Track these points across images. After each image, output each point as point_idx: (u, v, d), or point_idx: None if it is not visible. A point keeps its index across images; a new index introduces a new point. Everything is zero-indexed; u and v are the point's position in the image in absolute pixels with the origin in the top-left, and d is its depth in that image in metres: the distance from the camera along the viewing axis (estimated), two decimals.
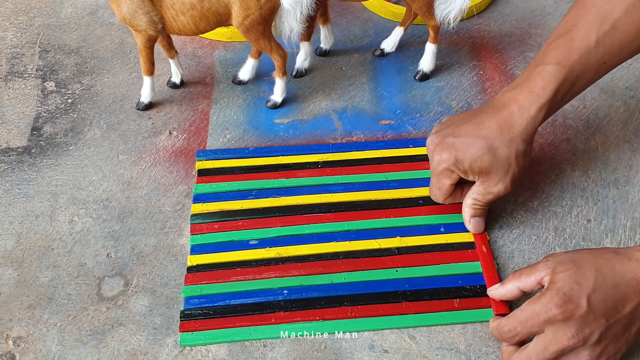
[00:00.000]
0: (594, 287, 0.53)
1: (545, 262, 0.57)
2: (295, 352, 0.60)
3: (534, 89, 0.63)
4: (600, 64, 0.63)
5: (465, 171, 0.64)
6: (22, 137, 0.78)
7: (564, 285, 0.54)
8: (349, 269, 0.65)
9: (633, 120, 0.80)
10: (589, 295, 0.53)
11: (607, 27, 0.62)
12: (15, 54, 0.88)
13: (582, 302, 0.53)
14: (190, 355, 0.60)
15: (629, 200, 0.72)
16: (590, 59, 0.63)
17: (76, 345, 0.61)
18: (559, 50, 0.63)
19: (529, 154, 0.65)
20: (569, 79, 0.63)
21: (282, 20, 0.73)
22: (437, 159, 0.65)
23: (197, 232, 0.68)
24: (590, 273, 0.54)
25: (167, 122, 0.80)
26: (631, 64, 0.86)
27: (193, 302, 0.63)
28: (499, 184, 0.64)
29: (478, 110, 0.66)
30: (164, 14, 0.71)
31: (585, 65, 0.63)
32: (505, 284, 0.60)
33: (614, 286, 0.54)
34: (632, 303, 0.54)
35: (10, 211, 0.71)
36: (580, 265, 0.55)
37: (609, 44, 0.62)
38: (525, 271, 0.58)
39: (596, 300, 0.53)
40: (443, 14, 0.77)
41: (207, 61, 0.87)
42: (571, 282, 0.54)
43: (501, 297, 0.61)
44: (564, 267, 0.55)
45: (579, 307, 0.53)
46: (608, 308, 0.53)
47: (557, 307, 0.53)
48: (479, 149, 0.63)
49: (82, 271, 0.66)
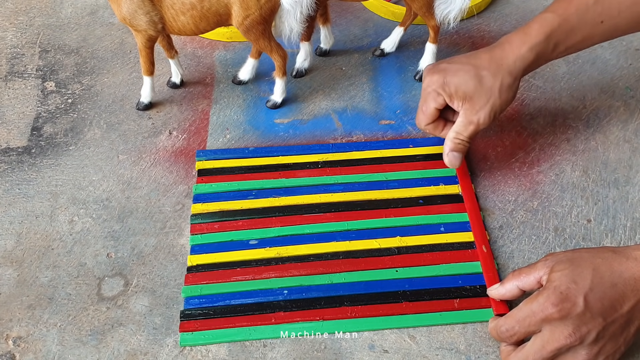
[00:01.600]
0: (591, 286, 0.53)
1: (544, 261, 0.57)
2: (295, 352, 0.60)
3: (528, 31, 0.66)
4: (598, 22, 0.66)
5: (450, 95, 0.67)
6: (22, 137, 0.78)
7: (561, 284, 0.54)
8: (349, 269, 0.65)
9: (633, 120, 0.80)
10: (586, 294, 0.53)
11: None
12: (15, 54, 0.88)
13: (579, 300, 0.53)
14: (190, 355, 0.60)
15: (629, 200, 0.72)
16: (588, 14, 0.65)
17: (76, 345, 0.61)
18: (558, 3, 0.67)
19: (514, 91, 0.67)
20: (563, 27, 0.66)
21: (282, 20, 0.73)
22: (427, 81, 0.68)
23: (197, 232, 0.68)
24: (588, 272, 0.54)
25: (167, 122, 0.80)
26: (631, 63, 0.86)
27: (193, 302, 0.63)
28: (480, 112, 0.66)
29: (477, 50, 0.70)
30: (164, 14, 0.71)
31: (582, 19, 0.66)
32: (505, 284, 0.60)
33: (611, 285, 0.54)
34: (630, 302, 0.54)
35: (10, 211, 0.71)
36: (578, 264, 0.55)
37: (607, 3, 0.65)
38: (525, 270, 0.58)
39: (593, 299, 0.53)
40: (443, 14, 0.77)
41: (207, 61, 0.88)
42: (568, 280, 0.54)
43: (501, 297, 0.61)
44: (562, 266, 0.55)
45: (575, 306, 0.53)
46: (605, 307, 0.53)
47: (553, 305, 0.53)
48: (465, 73, 0.66)
49: (82, 271, 0.66)
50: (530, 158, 0.76)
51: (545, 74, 0.85)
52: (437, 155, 0.75)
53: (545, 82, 0.84)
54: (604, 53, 0.88)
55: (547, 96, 0.83)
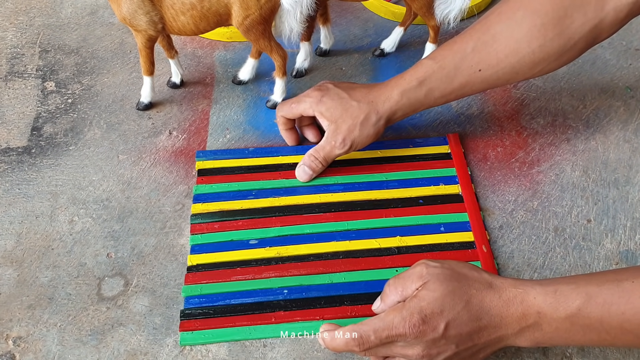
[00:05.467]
0: (455, 317, 0.53)
1: (420, 273, 0.55)
2: (295, 352, 0.60)
3: (404, 75, 0.70)
4: (475, 71, 0.67)
5: (320, 112, 0.70)
6: (22, 137, 0.78)
7: (427, 307, 0.53)
8: (349, 269, 0.65)
9: (633, 120, 0.80)
10: (448, 322, 0.53)
11: (487, 38, 0.66)
12: (15, 54, 0.88)
13: (439, 327, 0.53)
14: (190, 355, 0.60)
15: (629, 200, 0.72)
16: (464, 62, 0.67)
17: (76, 345, 0.61)
18: (438, 50, 0.70)
19: (376, 129, 0.70)
20: (438, 73, 0.68)
21: (282, 20, 0.73)
22: (310, 91, 0.72)
23: (197, 232, 0.68)
24: (459, 304, 0.53)
25: (167, 122, 0.80)
26: (631, 63, 0.86)
27: (193, 302, 0.63)
28: (338, 137, 0.69)
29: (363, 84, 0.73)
30: (164, 14, 0.71)
31: (458, 67, 0.67)
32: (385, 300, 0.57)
33: (476, 318, 0.53)
34: (488, 335, 0.54)
35: (10, 211, 0.71)
36: (452, 292, 0.54)
37: (485, 52, 0.66)
38: (400, 283, 0.56)
39: (454, 327, 0.53)
40: (443, 14, 0.77)
41: (207, 61, 0.88)
42: (435, 307, 0.53)
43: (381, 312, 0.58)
44: (435, 286, 0.54)
45: (434, 331, 0.53)
46: (462, 337, 0.53)
47: (413, 326, 0.52)
48: (340, 99, 0.70)
49: (82, 271, 0.66)
50: (530, 158, 0.76)
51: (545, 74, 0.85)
52: (437, 155, 0.75)
53: (545, 82, 0.84)
54: (604, 53, 0.88)
55: (547, 96, 0.83)
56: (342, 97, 0.70)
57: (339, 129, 0.70)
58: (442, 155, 0.75)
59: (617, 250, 0.68)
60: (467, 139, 0.78)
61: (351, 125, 0.69)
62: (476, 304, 0.53)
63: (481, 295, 0.54)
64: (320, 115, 0.71)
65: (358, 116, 0.69)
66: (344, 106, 0.69)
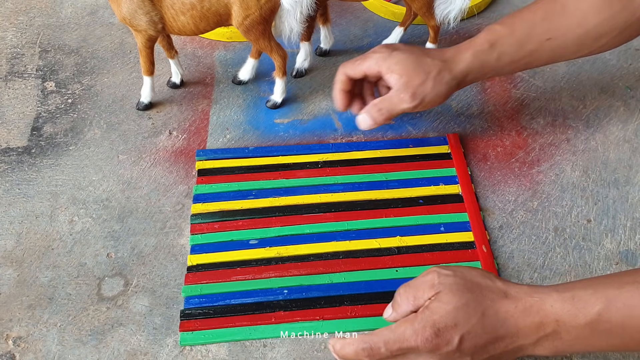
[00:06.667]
0: (469, 330, 0.51)
1: (432, 282, 0.53)
2: (295, 352, 0.60)
3: (475, 39, 0.69)
4: (544, 39, 0.67)
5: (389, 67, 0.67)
6: (22, 137, 0.78)
7: (441, 321, 0.51)
8: (349, 269, 0.65)
9: (633, 120, 0.80)
10: (462, 335, 0.51)
11: (556, 7, 0.67)
12: (15, 54, 0.88)
13: (453, 341, 0.51)
14: (190, 355, 0.60)
15: (629, 200, 0.72)
16: (535, 29, 0.68)
17: (76, 345, 0.61)
18: (508, 17, 0.70)
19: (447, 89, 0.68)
20: (509, 38, 0.68)
21: (282, 20, 0.73)
22: (377, 48, 0.70)
23: (197, 232, 0.68)
24: (473, 316, 0.51)
25: (167, 122, 0.80)
26: (631, 63, 0.86)
27: (193, 302, 0.63)
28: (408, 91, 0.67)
29: None
30: (164, 14, 0.71)
31: (529, 33, 0.68)
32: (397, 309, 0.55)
33: (492, 330, 0.52)
34: (504, 347, 0.52)
35: (10, 211, 0.71)
36: (466, 304, 0.52)
37: (554, 21, 0.67)
38: (412, 292, 0.54)
39: (468, 341, 0.51)
40: (443, 14, 0.77)
41: (207, 61, 0.87)
42: (449, 320, 0.51)
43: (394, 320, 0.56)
44: (448, 298, 0.52)
45: (448, 345, 0.51)
46: (478, 349, 0.52)
47: (426, 340, 0.51)
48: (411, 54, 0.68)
49: (82, 271, 0.66)
50: (530, 158, 0.76)
51: (545, 74, 0.85)
52: (437, 155, 0.75)
53: (545, 82, 0.84)
54: (604, 53, 0.88)
55: (547, 96, 0.83)
56: (415, 53, 0.68)
57: (411, 81, 0.67)
58: (442, 155, 0.75)
59: (617, 250, 0.68)
60: (467, 139, 0.78)
61: (424, 79, 0.67)
62: (491, 315, 0.52)
63: (496, 306, 0.52)
64: (389, 71, 0.67)
65: (431, 71, 0.67)
66: (418, 60, 0.67)
